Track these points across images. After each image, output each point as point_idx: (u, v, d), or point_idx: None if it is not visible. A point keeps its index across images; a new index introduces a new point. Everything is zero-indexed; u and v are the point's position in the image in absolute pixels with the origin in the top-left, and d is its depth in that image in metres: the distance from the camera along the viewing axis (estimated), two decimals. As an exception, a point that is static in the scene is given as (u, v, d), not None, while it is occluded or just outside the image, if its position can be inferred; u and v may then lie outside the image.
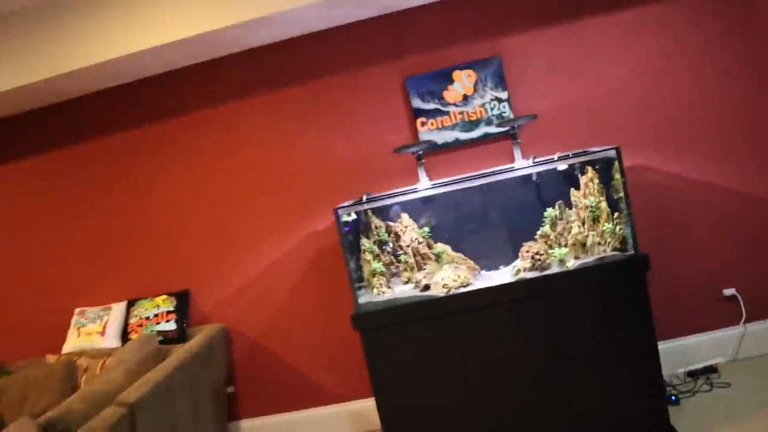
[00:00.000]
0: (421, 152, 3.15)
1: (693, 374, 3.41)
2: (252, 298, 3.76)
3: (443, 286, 2.88)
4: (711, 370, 3.41)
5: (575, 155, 2.92)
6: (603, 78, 3.42)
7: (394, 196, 3.03)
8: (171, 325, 3.63)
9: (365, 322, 2.87)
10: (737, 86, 3.35)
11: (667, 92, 3.40)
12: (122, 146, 3.78)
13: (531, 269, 2.85)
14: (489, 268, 3.17)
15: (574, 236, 2.85)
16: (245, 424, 3.82)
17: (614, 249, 2.81)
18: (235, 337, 3.78)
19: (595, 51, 3.42)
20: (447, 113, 3.45)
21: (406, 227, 3.17)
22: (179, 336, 3.61)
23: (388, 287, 3.01)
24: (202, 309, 3.79)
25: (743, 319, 3.44)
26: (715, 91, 3.38)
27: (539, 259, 2.81)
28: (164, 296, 3.73)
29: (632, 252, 2.78)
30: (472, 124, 3.45)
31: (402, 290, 3.01)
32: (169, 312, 3.67)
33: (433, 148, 3.46)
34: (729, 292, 3.45)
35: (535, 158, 3.09)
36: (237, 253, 3.75)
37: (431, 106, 3.46)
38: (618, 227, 2.78)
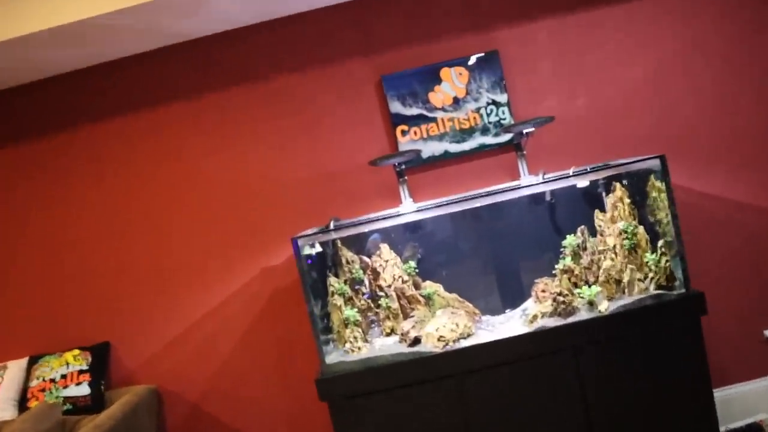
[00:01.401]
0: (403, 166, 2.50)
1: (735, 434, 2.82)
2: (190, 352, 3.06)
3: (438, 339, 2.20)
4: (755, 428, 2.86)
5: (600, 168, 2.31)
6: (618, 78, 2.90)
7: (369, 223, 2.35)
8: (83, 389, 2.91)
9: (335, 390, 2.18)
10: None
11: (690, 96, 2.90)
12: (24, 157, 3.01)
13: (552, 314, 2.20)
14: (493, 313, 2.53)
15: (607, 271, 2.21)
16: None
17: (658, 286, 2.18)
18: (168, 401, 3.07)
19: (609, 46, 2.91)
20: (434, 120, 2.83)
21: (386, 262, 2.49)
22: (94, 403, 2.90)
23: (365, 341, 2.32)
24: (125, 366, 3.07)
25: (789, 366, 2.88)
26: (747, 93, 2.89)
27: (563, 302, 2.16)
28: (76, 351, 3.00)
29: (683, 290, 2.15)
30: (465, 134, 2.82)
31: (383, 345, 2.32)
32: (81, 372, 2.95)
33: (418, 162, 2.82)
34: None
35: (545, 174, 2.46)
36: (171, 294, 3.05)
37: (414, 111, 2.83)
38: (664, 259, 2.15)
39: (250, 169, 2.97)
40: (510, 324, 2.36)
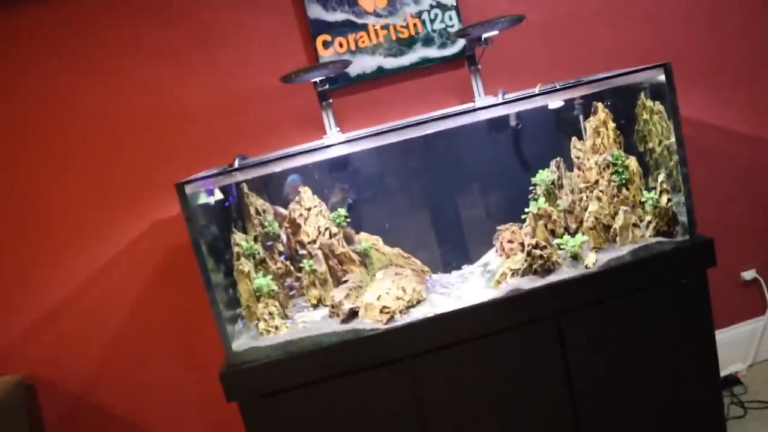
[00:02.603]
0: (326, 86, 1.90)
1: (710, 390, 2.50)
2: (68, 330, 2.45)
3: (381, 311, 1.68)
4: (732, 381, 2.59)
5: (575, 84, 1.80)
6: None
7: (283, 159, 1.75)
8: None
9: (246, 386, 1.63)
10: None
11: (679, 5, 2.44)
12: None
13: (526, 272, 1.71)
14: (446, 269, 2.01)
15: (594, 215, 1.72)
16: None
17: (657, 232, 1.72)
18: (44, 391, 2.48)
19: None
20: (364, 28, 2.23)
21: (308, 211, 1.92)
22: None
23: (284, 318, 1.75)
24: (-16, 353, 2.44)
25: (768, 310, 2.62)
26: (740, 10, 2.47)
27: (540, 256, 1.66)
28: None
29: (687, 237, 1.70)
30: (403, 45, 2.25)
31: (308, 322, 1.77)
32: None
33: (345, 82, 2.23)
34: (749, 275, 2.63)
35: (505, 93, 1.94)
36: (37, 260, 2.40)
37: (339, 16, 2.23)
38: (665, 197, 1.67)
39: (132, 96, 2.31)
40: (470, 285, 1.87)
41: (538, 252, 1.69)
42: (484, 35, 1.85)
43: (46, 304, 2.42)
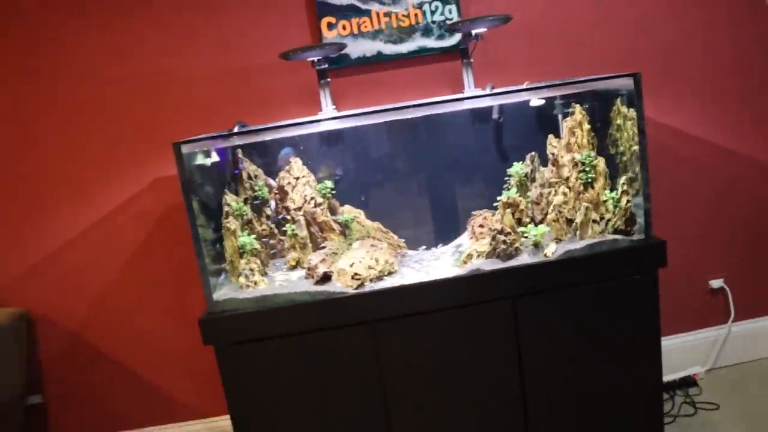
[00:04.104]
0: (325, 65, 2.02)
1: (667, 387, 2.65)
2: (69, 273, 2.58)
3: (352, 277, 1.82)
4: (689, 382, 2.68)
5: (558, 84, 1.91)
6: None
7: (276, 129, 1.89)
8: None
9: (222, 332, 1.78)
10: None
11: (669, 16, 2.49)
12: None
13: (490, 255, 1.84)
14: (420, 247, 2.13)
15: (557, 207, 1.84)
16: (57, 447, 2.67)
17: (615, 230, 1.84)
18: (43, 327, 2.62)
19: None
20: (367, 13, 2.34)
21: (296, 180, 2.05)
22: None
23: (264, 275, 1.90)
24: (-10, 286, 2.57)
25: (731, 318, 2.70)
26: (730, 24, 2.51)
27: (504, 242, 1.79)
28: (-75, 266, 2.46)
29: (642, 236, 1.82)
30: (403, 33, 2.35)
31: (285, 280, 1.91)
32: (-70, 291, 2.43)
33: (345, 64, 2.34)
34: (716, 283, 2.70)
35: (493, 87, 2.05)
36: (44, 205, 2.54)
37: (344, 1, 2.34)
38: (625, 198, 1.79)
39: (142, 60, 2.42)
40: (440, 263, 2.00)
41: (502, 237, 1.82)
42: (473, 31, 1.96)
43: (51, 247, 2.55)
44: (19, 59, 2.40)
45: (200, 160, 1.96)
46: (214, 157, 2.04)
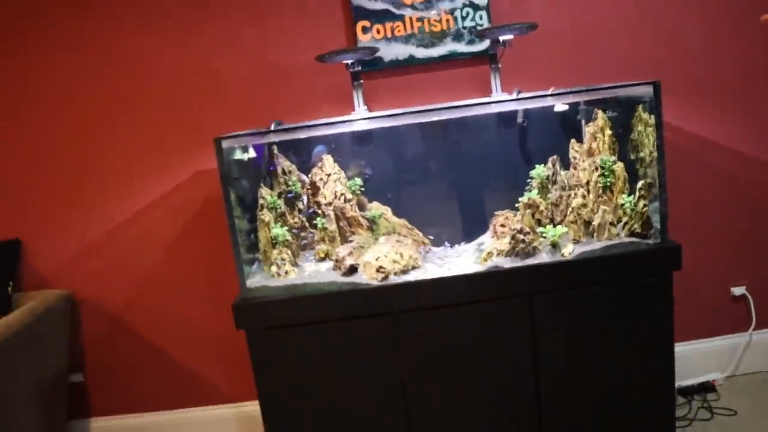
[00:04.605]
0: (359, 67, 2.12)
1: (685, 392, 2.68)
2: (112, 258, 2.73)
3: (377, 270, 1.92)
4: (707, 388, 2.71)
5: (582, 90, 1.98)
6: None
7: (311, 128, 2.00)
8: None
9: (253, 318, 1.90)
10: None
11: (692, 24, 2.52)
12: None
13: (509, 253, 1.92)
14: (444, 244, 2.22)
15: (576, 210, 1.92)
16: (97, 423, 2.86)
17: (631, 233, 1.90)
18: (86, 309, 2.77)
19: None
20: (401, 18, 2.43)
21: (327, 176, 2.16)
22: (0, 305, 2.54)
23: (294, 265, 2.01)
24: (39, 268, 2.74)
25: (752, 326, 2.71)
26: (755, 32, 2.51)
27: (523, 241, 1.87)
28: (-20, 247, 2.63)
29: (658, 240, 1.88)
30: (435, 38, 2.44)
31: (315, 271, 2.03)
32: (-15, 270, 2.60)
33: (379, 66, 2.44)
34: (738, 290, 2.71)
35: (520, 92, 2.13)
36: (92, 192, 2.68)
37: (379, 5, 2.43)
38: (642, 202, 1.86)
39: (188, 58, 2.55)
40: (462, 260, 2.08)
41: (521, 237, 1.90)
42: (501, 37, 2.04)
43: (95, 233, 2.70)
44: (70, 54, 2.55)
45: (238, 155, 2.08)
46: (252, 153, 2.16)
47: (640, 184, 1.88)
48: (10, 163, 2.65)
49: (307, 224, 2.18)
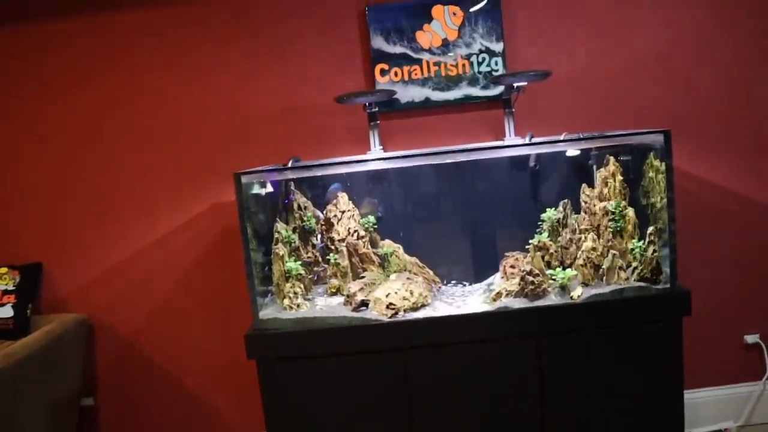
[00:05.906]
0: (376, 109, 2.19)
1: (697, 440, 2.64)
2: (128, 284, 2.79)
3: (387, 306, 1.95)
4: None
5: (594, 137, 2.03)
6: (627, 41, 2.56)
7: (327, 166, 2.07)
8: (7, 311, 2.66)
9: (264, 348, 1.94)
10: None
11: (704, 71, 2.57)
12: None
13: (518, 294, 1.95)
14: (454, 283, 2.26)
15: (586, 253, 1.94)
16: (105, 448, 2.84)
17: (641, 278, 1.92)
18: (100, 333, 2.81)
19: (621, 6, 2.56)
20: (418, 62, 2.51)
21: (341, 213, 2.21)
22: (16, 327, 2.63)
23: (306, 299, 2.05)
24: (58, 292, 2.80)
25: (766, 375, 2.69)
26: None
27: (532, 282, 1.90)
28: (4, 269, 2.72)
29: (667, 285, 1.90)
30: (451, 82, 2.51)
31: (326, 305, 2.06)
32: (6, 292, 2.69)
33: (395, 108, 2.51)
34: (752, 339, 2.70)
35: (532, 137, 2.18)
36: (112, 220, 2.76)
37: (398, 49, 2.50)
38: (652, 248, 1.88)
39: (210, 95, 2.64)
40: (471, 299, 2.11)
41: (530, 278, 1.93)
42: (515, 84, 2.10)
43: (114, 259, 2.76)
44: (101, 87, 2.65)
45: (256, 189, 2.15)
46: (269, 188, 2.23)
47: (650, 229, 1.91)
48: (38, 188, 2.73)
49: (320, 259, 2.23)
